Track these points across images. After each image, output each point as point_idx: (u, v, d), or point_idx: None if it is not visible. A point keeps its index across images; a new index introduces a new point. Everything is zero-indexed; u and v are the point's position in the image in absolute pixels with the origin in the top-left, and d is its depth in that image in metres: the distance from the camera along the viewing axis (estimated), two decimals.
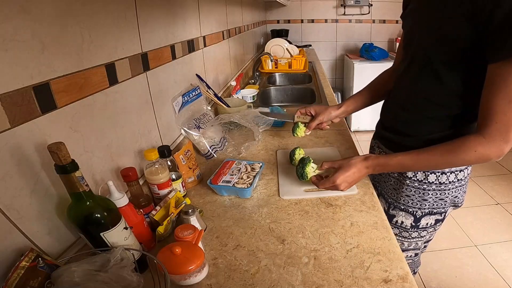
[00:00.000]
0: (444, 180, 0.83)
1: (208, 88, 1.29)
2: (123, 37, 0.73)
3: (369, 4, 3.48)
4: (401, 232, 0.95)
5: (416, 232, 0.93)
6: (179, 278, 0.57)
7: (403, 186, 0.88)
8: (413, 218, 0.91)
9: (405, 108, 0.84)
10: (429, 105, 0.77)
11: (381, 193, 0.98)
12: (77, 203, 0.50)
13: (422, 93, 0.78)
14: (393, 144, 0.90)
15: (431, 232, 0.95)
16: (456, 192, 0.86)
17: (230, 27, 1.84)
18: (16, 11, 0.46)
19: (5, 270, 0.45)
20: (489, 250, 1.83)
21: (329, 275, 0.59)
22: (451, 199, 0.87)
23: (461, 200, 0.90)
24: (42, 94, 0.51)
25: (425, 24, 0.74)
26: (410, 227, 0.93)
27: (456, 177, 0.83)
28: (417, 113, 0.81)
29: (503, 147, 0.63)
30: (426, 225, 0.92)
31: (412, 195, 0.88)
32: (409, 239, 0.96)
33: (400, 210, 0.92)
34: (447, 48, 0.68)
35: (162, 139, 0.96)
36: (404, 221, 0.93)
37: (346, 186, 0.77)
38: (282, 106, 1.55)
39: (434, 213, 0.89)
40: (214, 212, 0.79)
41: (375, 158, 0.77)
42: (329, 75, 3.91)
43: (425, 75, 0.76)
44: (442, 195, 0.85)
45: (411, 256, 1.02)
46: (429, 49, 0.73)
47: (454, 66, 0.69)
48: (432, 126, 0.79)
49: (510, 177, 2.53)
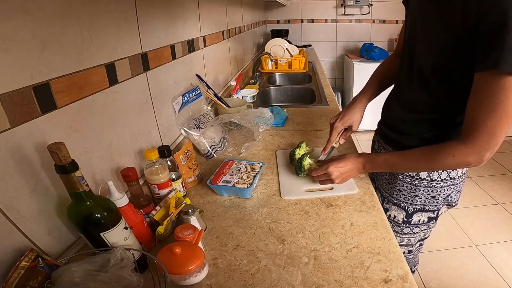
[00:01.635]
0: (436, 178, 0.85)
1: (208, 88, 1.29)
2: (123, 37, 0.73)
3: (369, 4, 3.48)
4: (393, 226, 0.97)
5: (408, 228, 0.95)
6: (179, 278, 0.57)
7: (396, 181, 0.91)
8: (405, 213, 0.92)
9: (404, 108, 0.86)
10: (424, 107, 0.80)
11: (377, 187, 1.00)
12: (77, 203, 0.50)
13: (420, 96, 0.80)
14: (392, 140, 0.93)
15: (425, 230, 0.96)
16: (448, 190, 0.87)
17: (230, 27, 1.84)
18: (16, 11, 0.46)
19: (5, 270, 0.45)
20: (489, 250, 1.83)
21: (329, 275, 0.59)
22: (443, 197, 0.88)
23: (455, 200, 0.91)
24: (42, 94, 0.51)
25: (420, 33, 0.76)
26: (402, 222, 0.94)
27: (448, 175, 0.85)
28: (414, 114, 0.83)
29: (482, 154, 0.64)
30: (418, 221, 0.93)
31: (404, 190, 0.90)
32: (401, 234, 0.97)
33: (393, 204, 0.94)
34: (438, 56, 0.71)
35: (162, 139, 0.96)
36: (396, 215, 0.95)
37: (338, 175, 0.82)
38: (282, 106, 1.55)
39: (426, 210, 0.90)
40: (214, 212, 0.79)
41: (366, 154, 0.84)
42: (329, 75, 3.91)
43: (422, 79, 0.78)
44: (433, 192, 0.87)
45: (404, 252, 1.03)
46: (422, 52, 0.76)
47: (444, 76, 0.72)
48: (425, 127, 0.81)
49: (510, 177, 2.53)
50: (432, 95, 0.76)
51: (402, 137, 0.88)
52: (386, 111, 0.98)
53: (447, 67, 0.70)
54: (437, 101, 0.76)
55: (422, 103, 0.79)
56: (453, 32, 0.64)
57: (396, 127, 0.90)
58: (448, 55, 0.68)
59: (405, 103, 0.86)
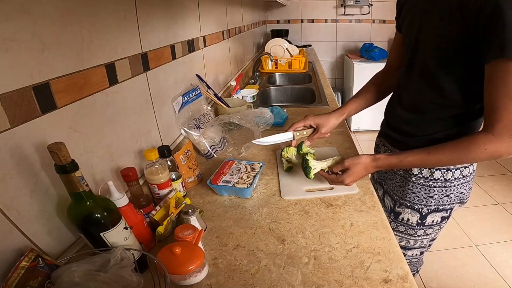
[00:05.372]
0: (450, 177, 0.84)
1: (208, 88, 1.29)
2: (123, 37, 0.73)
3: (369, 4, 3.48)
4: (407, 229, 0.95)
5: (421, 230, 0.94)
6: (179, 278, 0.57)
7: (408, 184, 0.89)
8: (419, 215, 0.91)
9: (409, 110, 0.85)
10: (432, 107, 0.79)
11: (387, 191, 0.98)
12: (77, 203, 0.50)
13: (424, 96, 0.79)
14: (398, 143, 0.91)
15: (437, 230, 0.96)
16: (461, 188, 0.87)
17: (230, 27, 1.84)
18: (16, 11, 0.46)
19: (5, 270, 0.45)
20: (489, 250, 1.83)
21: (329, 275, 0.59)
22: (456, 195, 0.88)
23: (466, 196, 0.91)
24: (42, 94, 0.51)
25: (421, 28, 0.76)
26: (416, 225, 0.93)
27: (461, 173, 0.84)
28: (420, 114, 0.82)
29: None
30: (432, 222, 0.92)
31: (418, 192, 0.88)
32: (415, 237, 0.96)
33: (406, 208, 0.93)
34: (442, 51, 0.71)
35: (162, 139, 0.96)
36: (410, 218, 0.93)
37: (351, 182, 0.81)
38: (282, 106, 1.55)
39: (440, 210, 0.90)
40: (214, 212, 0.79)
41: (385, 159, 0.78)
42: (329, 75, 3.91)
43: (425, 79, 0.77)
44: (447, 191, 0.86)
45: (416, 255, 1.02)
46: (425, 53, 0.76)
47: (450, 69, 0.71)
48: (435, 126, 0.80)
49: (510, 177, 2.53)
50: (438, 91, 0.75)
51: (410, 138, 0.86)
52: (389, 115, 0.96)
53: (452, 61, 0.70)
54: (444, 98, 0.75)
55: (428, 101, 0.79)
56: (454, 28, 0.65)
57: (401, 128, 0.89)
58: (452, 49, 0.68)
59: (409, 105, 0.85)
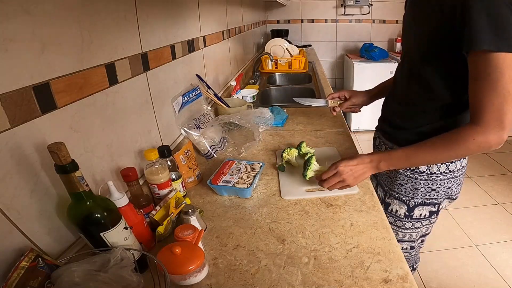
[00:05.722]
0: (435, 171, 0.85)
1: (208, 88, 1.29)
2: (123, 37, 0.73)
3: (369, 4, 3.48)
4: (395, 221, 0.97)
5: (410, 223, 0.95)
6: (179, 278, 0.57)
7: (396, 175, 0.91)
8: (407, 207, 0.93)
9: (401, 103, 0.88)
10: (419, 100, 0.81)
11: (379, 182, 1.01)
12: (77, 203, 0.50)
13: (412, 89, 0.82)
14: (390, 136, 0.94)
15: (427, 226, 0.97)
16: (448, 183, 0.87)
17: (230, 27, 1.84)
18: (16, 11, 0.46)
19: (5, 270, 0.45)
20: (489, 250, 1.83)
21: (329, 275, 0.59)
22: (444, 190, 0.88)
23: (455, 193, 0.91)
24: (42, 94, 0.51)
25: (407, 24, 0.82)
26: (403, 217, 0.95)
27: (447, 168, 0.85)
28: (410, 107, 0.85)
29: (501, 134, 0.64)
30: (420, 216, 0.93)
31: (405, 184, 0.90)
32: (403, 229, 0.97)
33: (394, 199, 0.95)
34: (426, 46, 0.74)
35: (162, 139, 0.96)
36: (398, 209, 0.95)
37: (350, 174, 0.76)
38: (282, 106, 1.55)
39: (427, 203, 0.91)
40: (214, 212, 0.79)
41: (379, 152, 0.81)
42: (329, 75, 3.91)
43: (413, 72, 0.81)
44: (434, 185, 0.87)
45: (406, 248, 1.03)
46: (412, 47, 0.80)
47: (435, 63, 0.73)
48: (422, 119, 0.82)
49: (510, 177, 2.52)
50: (425, 84, 0.77)
51: (399, 131, 0.89)
52: (385, 109, 0.99)
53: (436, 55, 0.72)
54: (430, 91, 0.77)
55: (416, 95, 0.81)
56: (436, 23, 0.68)
57: (393, 122, 0.92)
58: (435, 44, 0.71)
59: (401, 98, 0.88)
